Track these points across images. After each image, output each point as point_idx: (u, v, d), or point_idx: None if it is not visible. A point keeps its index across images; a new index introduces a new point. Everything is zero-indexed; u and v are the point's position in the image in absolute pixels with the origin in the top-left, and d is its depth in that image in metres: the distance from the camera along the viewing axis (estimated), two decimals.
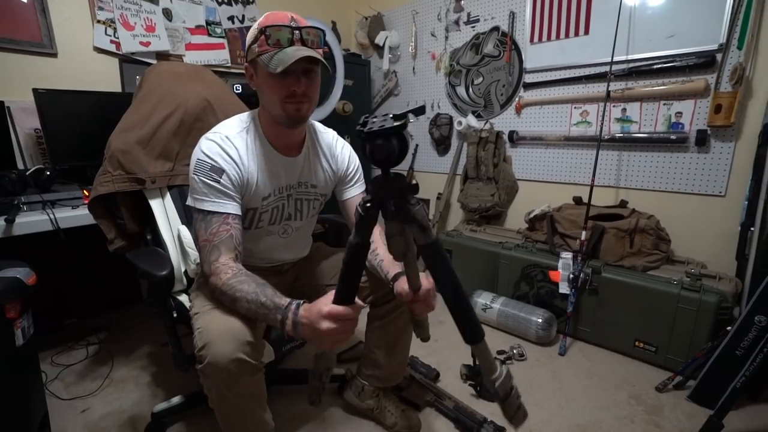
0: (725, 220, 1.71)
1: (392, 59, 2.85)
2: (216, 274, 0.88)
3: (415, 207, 0.65)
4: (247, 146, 0.98)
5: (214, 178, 0.91)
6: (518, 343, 1.74)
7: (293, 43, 0.88)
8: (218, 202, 0.92)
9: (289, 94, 0.90)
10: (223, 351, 0.80)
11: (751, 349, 1.30)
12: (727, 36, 1.60)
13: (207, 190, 0.92)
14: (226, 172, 0.93)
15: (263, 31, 0.87)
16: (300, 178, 1.08)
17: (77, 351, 1.74)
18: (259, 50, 0.88)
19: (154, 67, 1.40)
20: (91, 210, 1.24)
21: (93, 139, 1.46)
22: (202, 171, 0.92)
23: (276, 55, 0.86)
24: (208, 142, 0.95)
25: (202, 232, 0.92)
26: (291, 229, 1.13)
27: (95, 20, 1.95)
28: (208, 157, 0.93)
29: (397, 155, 0.62)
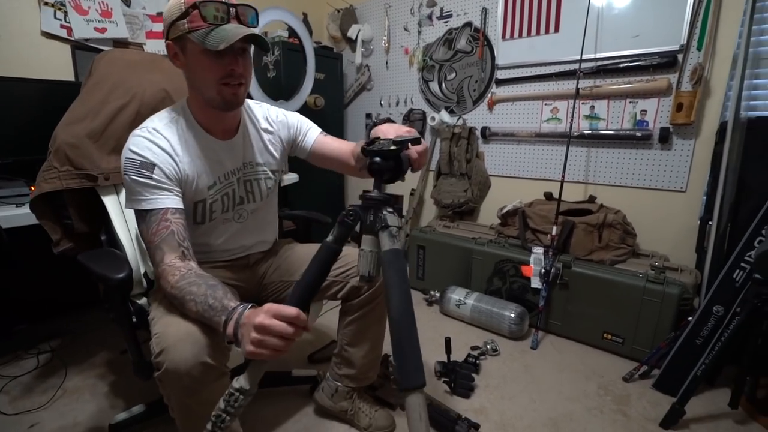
0: (686, 214, 1.78)
1: (365, 53, 2.80)
2: (163, 277, 0.83)
3: (390, 214, 0.72)
4: (179, 136, 0.93)
5: (144, 174, 0.86)
6: (492, 339, 1.75)
7: (229, 20, 0.83)
8: (153, 198, 0.87)
9: (227, 74, 0.86)
10: (183, 356, 0.74)
11: (709, 337, 1.37)
12: (688, 37, 1.66)
13: (140, 188, 0.86)
14: (157, 165, 0.87)
15: (195, 6, 0.81)
16: (244, 158, 1.04)
17: (26, 360, 1.61)
18: (189, 26, 0.82)
19: (105, 53, 1.29)
20: (34, 209, 1.12)
21: (41, 131, 1.33)
22: (131, 169, 0.86)
23: (213, 32, 0.81)
24: (135, 138, 0.89)
25: (145, 234, 0.87)
26: (246, 212, 1.08)
27: (42, 2, 1.80)
28: (136, 154, 0.87)
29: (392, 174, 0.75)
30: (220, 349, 0.80)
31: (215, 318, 0.74)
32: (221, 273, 1.06)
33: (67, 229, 1.17)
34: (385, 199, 0.73)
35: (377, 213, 0.72)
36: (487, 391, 1.46)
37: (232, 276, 1.10)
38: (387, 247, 0.69)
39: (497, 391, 1.46)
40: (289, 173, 2.27)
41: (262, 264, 1.20)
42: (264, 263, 1.20)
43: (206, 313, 0.76)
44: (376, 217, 0.72)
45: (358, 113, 2.98)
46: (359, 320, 1.16)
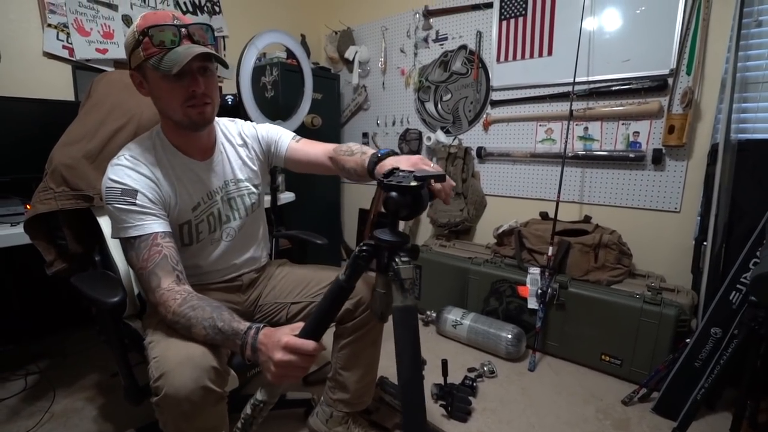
0: (680, 234, 1.79)
1: (362, 74, 2.85)
2: (163, 302, 0.82)
3: (404, 265, 0.66)
4: (158, 161, 0.93)
5: (128, 201, 0.86)
6: (488, 360, 1.73)
7: (181, 42, 0.83)
8: (140, 224, 0.86)
9: (189, 95, 0.87)
10: (183, 381, 0.73)
11: (708, 360, 1.35)
12: (677, 62, 1.70)
13: (125, 215, 0.86)
14: (139, 191, 0.88)
15: (145, 33, 0.81)
16: (225, 176, 1.05)
17: (13, 382, 1.57)
18: (144, 54, 0.83)
19: (103, 75, 1.31)
20: (28, 230, 1.12)
21: (39, 150, 1.33)
22: (113, 197, 0.86)
23: (166, 56, 0.82)
24: (114, 167, 0.89)
25: (135, 261, 0.86)
26: (233, 230, 1.08)
27: (45, 24, 1.83)
28: (117, 182, 0.87)
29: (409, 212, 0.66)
30: (219, 373, 0.79)
31: (228, 343, 0.77)
32: (215, 296, 1.05)
33: (60, 249, 1.16)
34: (400, 243, 0.68)
35: (391, 257, 0.68)
36: (484, 414, 1.43)
37: (226, 298, 1.09)
38: (398, 303, 0.65)
39: (495, 415, 1.44)
40: (285, 192, 2.27)
41: (256, 286, 1.19)
42: (258, 285, 1.19)
43: (217, 337, 0.77)
44: (390, 261, 0.68)
45: (355, 132, 3.02)
46: (353, 344, 1.15)
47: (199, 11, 2.39)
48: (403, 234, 0.70)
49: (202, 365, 0.75)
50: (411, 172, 0.69)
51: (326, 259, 2.76)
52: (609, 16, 1.86)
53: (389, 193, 0.66)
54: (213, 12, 2.45)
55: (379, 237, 0.68)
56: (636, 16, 1.79)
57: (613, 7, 1.84)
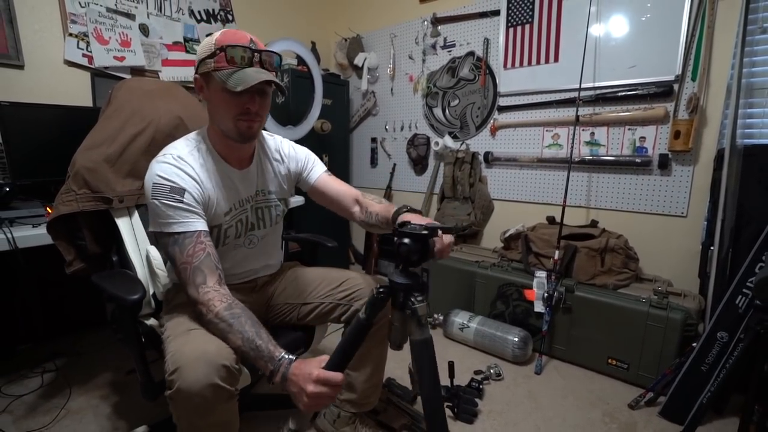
0: (687, 239, 1.79)
1: (371, 80, 2.90)
2: (206, 303, 0.86)
3: (420, 303, 0.77)
4: (201, 164, 0.98)
5: (176, 199, 0.90)
6: (495, 363, 1.74)
7: (252, 65, 0.90)
8: (186, 221, 0.90)
9: (243, 111, 0.92)
10: (196, 376, 0.76)
11: (715, 364, 1.36)
12: (682, 68, 1.72)
13: (172, 212, 0.90)
14: (187, 190, 0.91)
15: (223, 48, 0.88)
16: (257, 187, 1.09)
17: (31, 380, 1.62)
18: (215, 65, 0.89)
19: (123, 83, 1.36)
20: (50, 230, 1.17)
21: (59, 155, 1.40)
22: (161, 193, 0.90)
23: (235, 74, 0.88)
24: (161, 165, 0.93)
25: (179, 255, 0.89)
26: (256, 238, 1.13)
27: (67, 33, 1.90)
28: (165, 179, 0.91)
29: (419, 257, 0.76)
30: (231, 372, 0.81)
31: (261, 362, 0.81)
32: None
33: (80, 250, 1.20)
34: (414, 285, 0.78)
35: (407, 297, 0.78)
36: (490, 417, 1.45)
37: (239, 297, 1.11)
38: (417, 336, 0.75)
39: (501, 417, 1.45)
40: (295, 196, 2.31)
41: (268, 287, 1.22)
42: (270, 286, 1.22)
43: (251, 353, 0.81)
44: (406, 300, 0.78)
45: (363, 138, 3.06)
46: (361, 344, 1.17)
47: (213, 19, 2.45)
48: (416, 275, 0.80)
49: (215, 363, 0.78)
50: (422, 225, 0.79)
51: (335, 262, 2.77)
52: (615, 23, 1.88)
53: (402, 239, 0.76)
54: (226, 20, 2.52)
55: (395, 280, 0.78)
56: (641, 22, 1.81)
57: (618, 14, 1.86)
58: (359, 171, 3.13)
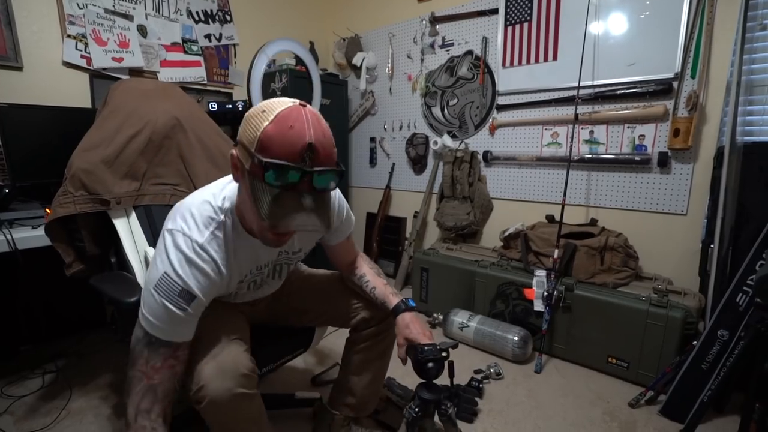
0: (687, 237, 1.79)
1: (369, 79, 2.89)
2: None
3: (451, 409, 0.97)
4: (225, 249, 0.83)
5: (180, 306, 0.77)
6: (495, 362, 1.74)
7: (300, 184, 0.70)
8: (174, 331, 0.78)
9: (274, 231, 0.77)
10: (219, 392, 0.79)
11: (715, 362, 1.35)
12: (682, 65, 1.71)
13: (168, 317, 0.77)
14: (198, 297, 0.79)
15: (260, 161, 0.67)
16: (282, 249, 0.99)
17: (32, 381, 1.62)
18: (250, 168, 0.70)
19: (120, 83, 1.36)
20: (49, 233, 1.17)
21: (58, 156, 1.40)
22: (167, 292, 0.76)
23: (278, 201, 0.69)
24: (178, 253, 0.78)
25: (141, 361, 0.77)
26: (266, 284, 1.07)
27: (65, 35, 1.91)
28: (179, 277, 0.77)
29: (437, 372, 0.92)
30: (249, 377, 0.84)
31: None
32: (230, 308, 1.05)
33: (78, 251, 1.20)
34: (443, 398, 0.95)
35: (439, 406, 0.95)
36: (490, 416, 1.44)
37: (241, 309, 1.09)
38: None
39: (501, 416, 1.45)
40: None
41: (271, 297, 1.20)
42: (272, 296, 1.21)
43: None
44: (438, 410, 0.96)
45: (362, 137, 3.06)
46: (365, 351, 1.17)
47: (211, 20, 2.45)
48: (441, 388, 0.96)
49: (233, 374, 0.81)
50: (432, 344, 0.93)
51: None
52: (613, 21, 1.87)
53: (427, 364, 0.91)
54: (224, 21, 2.52)
55: (426, 397, 0.94)
56: (640, 20, 1.80)
57: (617, 11, 1.86)
58: (358, 171, 3.13)
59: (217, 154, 1.35)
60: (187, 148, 1.29)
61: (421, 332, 0.97)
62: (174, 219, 0.83)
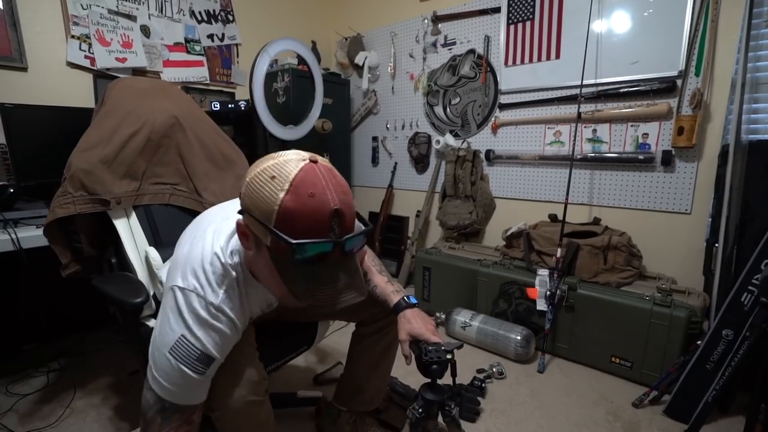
0: (691, 236, 1.77)
1: (371, 79, 2.89)
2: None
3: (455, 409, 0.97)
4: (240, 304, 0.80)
5: (198, 370, 0.73)
6: (498, 361, 1.73)
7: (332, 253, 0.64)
8: (190, 394, 0.76)
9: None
10: (232, 402, 0.82)
11: (720, 362, 1.34)
12: (686, 63, 1.70)
13: (184, 381, 0.73)
14: (216, 359, 0.76)
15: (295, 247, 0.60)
16: None
17: (36, 379, 1.63)
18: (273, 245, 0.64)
19: (116, 82, 1.34)
20: (47, 233, 1.15)
21: (62, 155, 1.39)
22: (185, 358, 0.72)
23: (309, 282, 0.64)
24: (194, 317, 0.73)
25: (154, 427, 0.75)
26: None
27: (69, 35, 1.92)
28: (198, 340, 0.73)
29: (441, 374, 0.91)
30: (260, 384, 0.86)
31: None
32: None
33: (75, 252, 1.20)
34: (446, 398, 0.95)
35: (443, 407, 0.96)
36: (493, 415, 1.44)
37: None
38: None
39: (503, 415, 1.44)
40: None
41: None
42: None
43: None
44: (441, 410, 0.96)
45: (364, 136, 3.06)
46: (371, 345, 1.17)
47: (213, 20, 2.46)
48: (445, 389, 0.95)
49: (246, 383, 0.84)
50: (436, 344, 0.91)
51: None
52: (616, 19, 1.86)
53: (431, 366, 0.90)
54: (227, 21, 2.52)
55: (429, 398, 0.94)
56: (644, 18, 1.79)
57: (620, 9, 1.85)
58: (360, 170, 3.13)
59: (216, 153, 1.35)
60: (186, 147, 1.29)
61: (423, 326, 0.95)
62: (185, 277, 0.76)
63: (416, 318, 0.98)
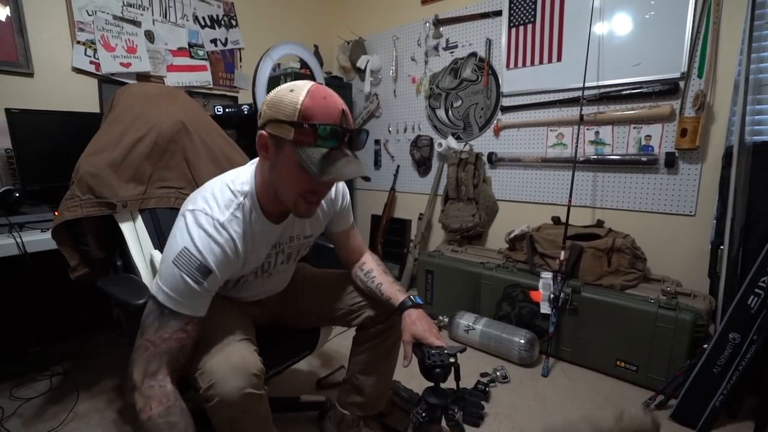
0: (696, 238, 1.76)
1: (373, 82, 2.90)
2: (146, 398, 0.77)
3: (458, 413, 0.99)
4: (244, 230, 0.88)
5: (197, 279, 0.80)
6: (501, 365, 1.72)
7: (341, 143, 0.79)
8: (188, 304, 0.81)
9: (312, 191, 0.84)
10: (229, 390, 0.79)
11: (727, 366, 1.33)
12: (688, 65, 1.69)
13: (183, 288, 0.80)
14: (214, 272, 0.82)
15: (314, 126, 0.75)
16: (292, 232, 1.02)
17: (40, 383, 1.64)
18: (296, 137, 0.76)
19: (125, 88, 1.37)
20: (55, 236, 1.17)
21: (67, 160, 1.41)
22: (186, 266, 0.80)
23: (324, 159, 0.76)
24: (199, 230, 0.82)
25: (151, 331, 0.80)
26: (276, 272, 1.08)
27: (75, 41, 1.94)
28: (198, 251, 0.80)
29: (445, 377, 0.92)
30: (258, 377, 0.84)
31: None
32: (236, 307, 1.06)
33: (83, 255, 1.21)
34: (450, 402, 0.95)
35: (446, 411, 0.96)
36: (497, 420, 1.43)
37: (246, 310, 1.10)
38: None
39: (508, 420, 1.43)
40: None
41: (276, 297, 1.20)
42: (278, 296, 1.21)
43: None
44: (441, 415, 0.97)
45: (367, 139, 3.06)
46: (372, 349, 1.17)
47: (217, 25, 2.48)
48: (448, 393, 0.95)
49: (244, 373, 0.81)
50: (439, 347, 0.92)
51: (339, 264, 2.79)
52: (618, 21, 1.86)
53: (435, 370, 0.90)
54: (230, 25, 2.54)
55: (433, 402, 0.93)
56: (645, 20, 1.79)
57: (621, 11, 1.85)
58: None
59: (221, 157, 1.36)
60: (192, 152, 1.30)
61: (428, 329, 0.96)
62: (195, 201, 0.87)
63: (421, 320, 0.99)
